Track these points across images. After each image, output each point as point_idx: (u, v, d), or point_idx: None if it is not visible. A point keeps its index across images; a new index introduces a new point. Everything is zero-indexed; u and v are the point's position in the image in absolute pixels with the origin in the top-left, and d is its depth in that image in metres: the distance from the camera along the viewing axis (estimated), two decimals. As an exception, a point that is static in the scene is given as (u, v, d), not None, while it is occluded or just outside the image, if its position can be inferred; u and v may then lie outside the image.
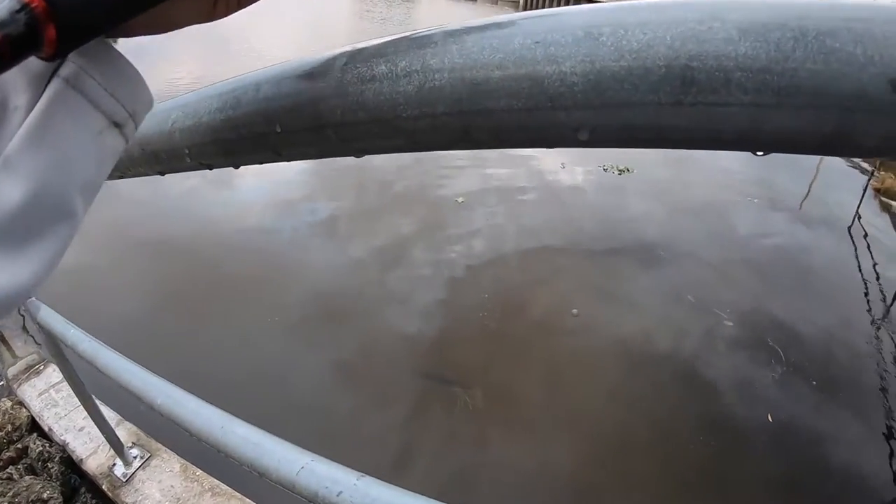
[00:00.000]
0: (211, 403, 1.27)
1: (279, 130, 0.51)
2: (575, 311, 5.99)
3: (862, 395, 5.42)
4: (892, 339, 6.31)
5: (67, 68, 0.40)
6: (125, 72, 0.45)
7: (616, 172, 10.18)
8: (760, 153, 0.37)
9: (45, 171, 0.39)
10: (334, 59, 0.47)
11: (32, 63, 0.38)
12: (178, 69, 14.28)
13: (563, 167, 10.31)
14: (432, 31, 0.43)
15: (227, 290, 6.20)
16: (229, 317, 5.76)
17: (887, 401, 5.39)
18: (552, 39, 0.38)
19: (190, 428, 1.24)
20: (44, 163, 0.39)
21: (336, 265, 6.86)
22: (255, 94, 0.52)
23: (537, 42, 0.38)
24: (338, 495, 0.89)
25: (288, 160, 0.56)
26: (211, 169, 0.62)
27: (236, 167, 0.61)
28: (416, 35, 0.44)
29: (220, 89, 0.56)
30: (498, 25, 0.41)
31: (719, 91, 0.34)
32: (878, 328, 6.54)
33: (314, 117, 0.48)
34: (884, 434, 5.07)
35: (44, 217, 0.39)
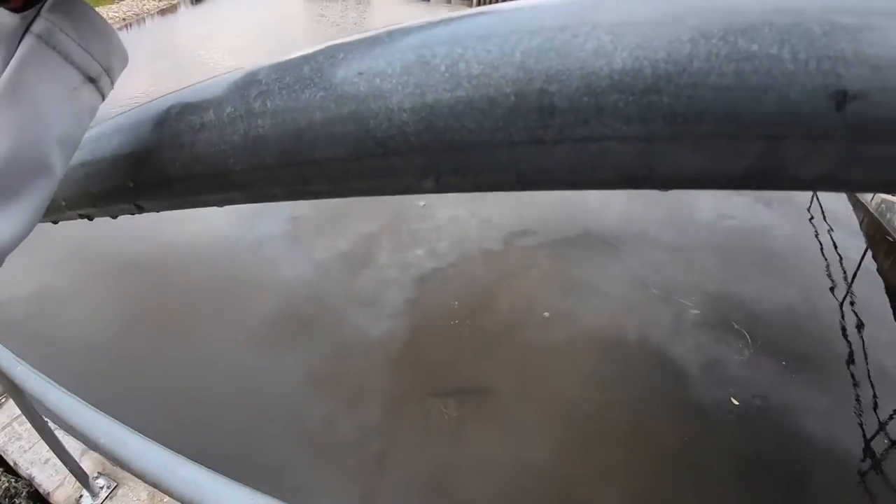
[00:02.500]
0: (156, 441, 1.25)
1: (131, 185, 0.47)
2: (546, 313, 6.00)
3: (830, 371, 5.53)
4: (855, 314, 6.44)
5: (40, 25, 0.40)
6: (99, 27, 0.44)
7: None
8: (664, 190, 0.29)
9: (21, 127, 0.39)
10: (171, 105, 0.43)
11: (5, 21, 0.40)
12: (127, 90, 14.12)
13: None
14: (260, 67, 0.37)
15: (192, 308, 6.12)
16: (195, 336, 5.70)
17: (854, 376, 5.50)
18: (378, 68, 0.31)
19: (132, 468, 1.21)
20: (20, 119, 0.39)
21: (301, 276, 6.81)
22: (109, 144, 0.49)
23: (361, 73, 0.31)
24: (278, 536, 0.87)
25: (153, 210, 0.53)
26: (91, 219, 0.59)
27: (114, 218, 0.58)
28: (245, 72, 0.38)
29: (84, 138, 0.52)
30: (327, 52, 0.34)
31: (590, 122, 0.26)
32: (842, 305, 6.67)
33: (159, 171, 0.44)
34: (853, 408, 5.18)
35: (22, 172, 0.40)
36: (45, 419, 2.35)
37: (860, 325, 6.20)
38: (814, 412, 4.99)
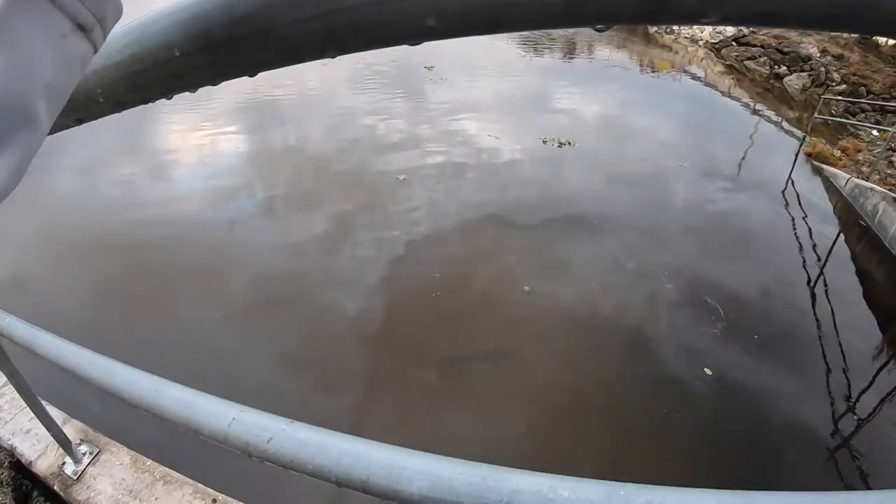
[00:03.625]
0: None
1: (178, 54, 0.53)
2: (526, 287, 6.07)
3: (801, 347, 5.65)
4: (826, 295, 6.57)
5: None
6: None
7: (556, 145, 10.31)
8: (601, 27, 0.37)
9: (4, 72, 0.37)
10: None
11: None
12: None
13: (499, 140, 10.44)
14: None
15: (170, 285, 6.10)
16: (173, 312, 5.67)
17: (824, 354, 5.62)
18: None
19: (125, 397, 1.25)
20: (3, 64, 0.37)
21: (278, 252, 6.81)
22: (156, 27, 0.54)
23: None
24: (268, 441, 0.91)
25: (191, 86, 0.58)
26: (123, 109, 0.64)
27: (145, 102, 0.63)
28: None
29: (125, 30, 0.57)
30: None
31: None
32: (814, 284, 6.81)
33: (206, 37, 0.50)
34: (823, 384, 5.30)
35: (5, 122, 0.38)
36: (30, 388, 2.35)
37: (831, 305, 6.34)
38: (784, 388, 5.10)
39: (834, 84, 15.70)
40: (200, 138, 10.46)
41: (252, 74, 0.54)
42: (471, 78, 14.84)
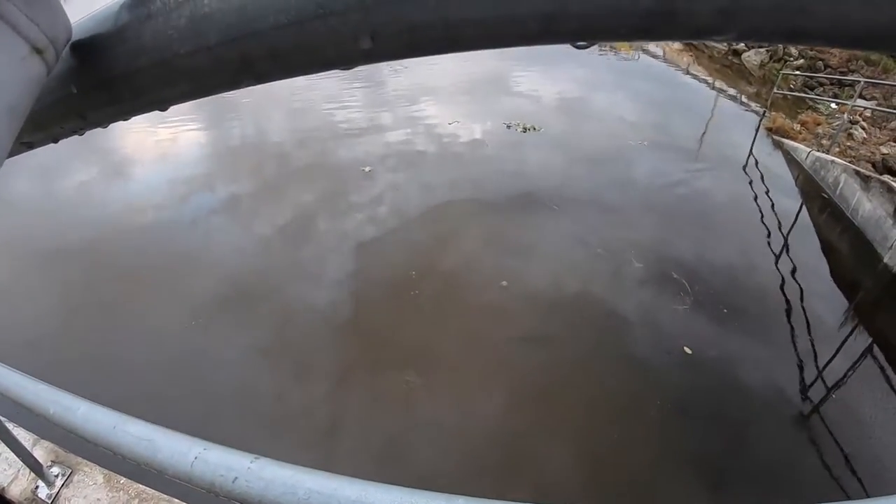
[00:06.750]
0: (103, 405, 1.23)
1: (75, 91, 0.48)
2: (504, 282, 6.05)
3: (770, 317, 5.76)
4: (792, 265, 6.71)
5: None
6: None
7: (520, 130, 10.31)
8: (583, 44, 0.31)
9: None
10: (118, 5, 0.44)
11: None
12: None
13: (464, 126, 10.42)
14: None
15: (135, 293, 5.95)
16: (142, 321, 5.55)
17: (791, 324, 5.73)
18: None
19: (84, 434, 1.19)
20: None
21: (245, 250, 6.69)
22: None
23: None
24: (233, 481, 0.87)
25: (97, 124, 0.53)
26: (31, 148, 0.60)
27: (55, 141, 0.59)
28: None
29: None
30: None
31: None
32: (779, 256, 6.93)
33: (102, 70, 0.45)
34: (791, 353, 5.40)
35: None
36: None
37: (796, 276, 6.47)
38: (754, 357, 5.19)
39: (792, 59, 15.88)
40: (160, 134, 10.22)
41: (163, 109, 0.49)
42: (431, 63, 14.70)
